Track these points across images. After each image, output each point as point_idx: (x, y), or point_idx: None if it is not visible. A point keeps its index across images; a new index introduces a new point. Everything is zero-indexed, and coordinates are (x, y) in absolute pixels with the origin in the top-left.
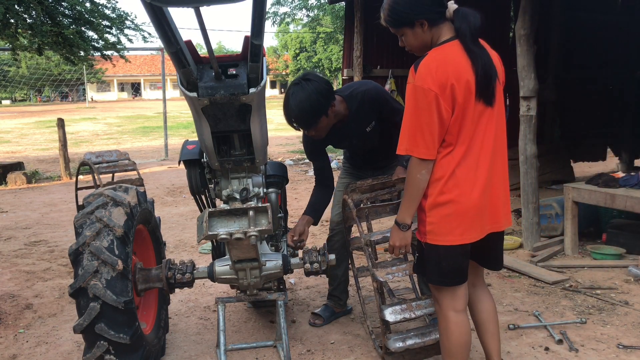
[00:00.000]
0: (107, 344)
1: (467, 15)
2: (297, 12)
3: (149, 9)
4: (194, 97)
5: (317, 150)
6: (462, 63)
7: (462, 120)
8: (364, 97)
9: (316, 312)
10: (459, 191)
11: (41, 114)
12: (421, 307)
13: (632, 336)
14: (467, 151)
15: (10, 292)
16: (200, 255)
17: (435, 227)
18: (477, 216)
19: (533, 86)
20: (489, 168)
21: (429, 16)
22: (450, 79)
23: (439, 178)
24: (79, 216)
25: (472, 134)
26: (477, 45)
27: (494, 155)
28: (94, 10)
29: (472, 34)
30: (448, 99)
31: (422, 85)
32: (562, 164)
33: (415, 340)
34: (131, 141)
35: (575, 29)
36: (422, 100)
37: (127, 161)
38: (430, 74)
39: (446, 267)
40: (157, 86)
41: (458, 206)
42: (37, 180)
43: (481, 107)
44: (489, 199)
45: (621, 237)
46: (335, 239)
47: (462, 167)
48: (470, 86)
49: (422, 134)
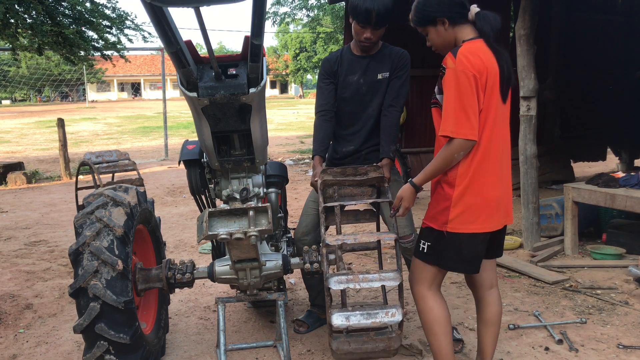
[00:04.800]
0: (107, 344)
1: (489, 17)
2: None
3: (149, 9)
4: (194, 97)
5: (331, 74)
6: (491, 57)
7: (487, 113)
8: (398, 50)
9: (300, 318)
10: (486, 183)
11: (41, 114)
12: (367, 280)
13: (632, 336)
14: (492, 145)
15: (10, 292)
16: (200, 255)
17: (461, 216)
18: (497, 207)
19: (533, 86)
20: (506, 163)
21: (449, 14)
22: (486, 67)
23: (466, 170)
24: (79, 216)
25: (494, 129)
26: (500, 45)
27: (507, 151)
28: (94, 10)
29: (494, 34)
30: (483, 86)
31: (464, 70)
32: (562, 164)
33: (359, 319)
34: (131, 141)
35: (575, 29)
36: (464, 83)
37: (127, 161)
38: (469, 60)
39: (467, 254)
40: (157, 86)
41: (483, 197)
42: (37, 180)
43: (500, 104)
44: (505, 192)
45: (621, 237)
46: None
47: (488, 161)
48: (497, 79)
49: (466, 116)
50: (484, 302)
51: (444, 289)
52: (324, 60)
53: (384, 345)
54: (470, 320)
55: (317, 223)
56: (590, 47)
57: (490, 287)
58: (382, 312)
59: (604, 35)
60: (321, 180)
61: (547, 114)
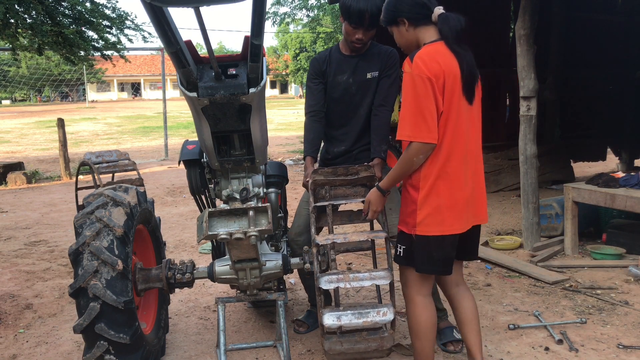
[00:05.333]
0: (107, 343)
1: (449, 19)
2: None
3: (149, 9)
4: (194, 97)
5: (320, 74)
6: (450, 59)
7: (448, 115)
8: (387, 49)
9: (300, 318)
10: (450, 184)
11: (41, 114)
12: (358, 279)
13: (632, 336)
14: (454, 147)
15: (10, 292)
16: (200, 255)
17: (428, 219)
18: (465, 208)
19: (533, 86)
20: (474, 164)
21: (408, 15)
22: (443, 71)
23: (429, 172)
24: (79, 216)
25: (457, 130)
26: (461, 47)
27: (477, 152)
28: (94, 10)
29: (454, 36)
30: (440, 88)
31: (420, 74)
32: (562, 164)
33: (351, 319)
34: (131, 141)
35: (575, 29)
36: (420, 87)
37: (127, 161)
38: (425, 64)
39: (437, 256)
40: (157, 86)
41: (449, 198)
42: (37, 180)
43: (464, 105)
44: (474, 193)
45: (621, 237)
46: (297, 253)
47: (451, 162)
48: (457, 81)
49: (423, 119)
50: (454, 300)
51: None
52: (312, 60)
53: (376, 345)
54: None
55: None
56: (590, 47)
57: (456, 284)
58: (373, 311)
59: (604, 35)
60: (312, 181)
61: (547, 114)
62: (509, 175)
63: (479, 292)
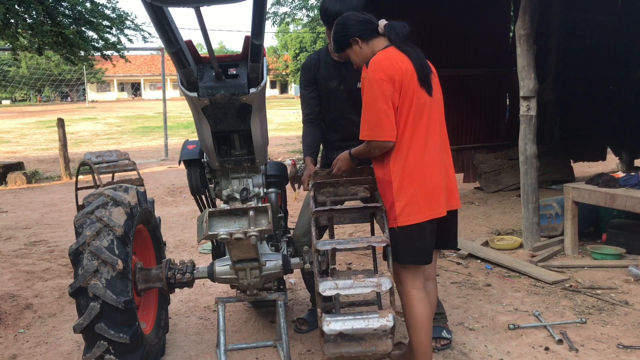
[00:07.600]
0: (107, 343)
1: (395, 26)
2: (297, 12)
3: (149, 9)
4: (194, 97)
5: (312, 81)
6: (402, 58)
7: (409, 108)
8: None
9: (302, 317)
10: (420, 172)
11: (41, 114)
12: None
13: (632, 336)
14: (416, 137)
15: (10, 292)
16: (200, 255)
17: (406, 209)
18: (439, 193)
19: (533, 86)
20: (439, 151)
21: (359, 33)
22: (397, 71)
23: (397, 166)
24: (79, 216)
25: (419, 122)
26: (410, 47)
27: (442, 141)
28: (94, 10)
29: (402, 39)
30: (398, 87)
31: (375, 77)
32: (562, 164)
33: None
34: (131, 141)
35: (575, 29)
36: (376, 89)
37: (127, 161)
38: (380, 67)
39: (419, 246)
40: (157, 86)
41: (422, 186)
42: (37, 180)
43: (424, 97)
44: (445, 178)
45: (621, 237)
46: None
47: (415, 151)
48: (412, 75)
49: (380, 120)
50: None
51: (443, 289)
52: (302, 67)
53: (375, 349)
54: (470, 320)
55: None
56: (590, 47)
57: (428, 279)
58: (374, 316)
59: (604, 35)
60: (312, 182)
61: (547, 114)
62: (509, 175)
63: (479, 292)
